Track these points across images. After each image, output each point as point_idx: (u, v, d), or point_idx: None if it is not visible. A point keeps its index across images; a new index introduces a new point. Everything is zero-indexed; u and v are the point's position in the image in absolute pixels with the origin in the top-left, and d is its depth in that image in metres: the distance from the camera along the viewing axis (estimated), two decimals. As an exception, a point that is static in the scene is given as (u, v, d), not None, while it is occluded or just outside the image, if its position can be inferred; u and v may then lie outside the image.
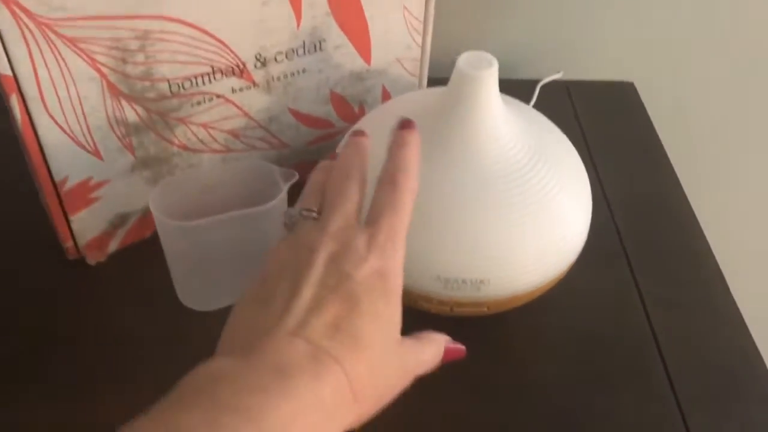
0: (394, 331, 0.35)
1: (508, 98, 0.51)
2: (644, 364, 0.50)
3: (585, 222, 0.49)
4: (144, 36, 0.45)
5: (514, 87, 0.72)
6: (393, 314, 0.34)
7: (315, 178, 0.40)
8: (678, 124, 0.79)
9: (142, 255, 0.54)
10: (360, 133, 0.41)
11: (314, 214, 0.37)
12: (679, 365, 0.49)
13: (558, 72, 0.74)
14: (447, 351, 0.39)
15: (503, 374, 0.49)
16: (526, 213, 0.45)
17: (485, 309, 0.47)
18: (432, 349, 0.38)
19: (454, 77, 0.45)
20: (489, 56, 0.45)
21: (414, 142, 0.38)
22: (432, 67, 0.62)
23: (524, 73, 0.76)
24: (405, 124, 0.39)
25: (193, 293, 0.51)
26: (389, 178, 0.37)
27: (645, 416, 0.47)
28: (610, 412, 0.47)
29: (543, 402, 0.47)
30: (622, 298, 0.54)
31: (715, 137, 0.83)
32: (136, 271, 0.53)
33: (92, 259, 0.53)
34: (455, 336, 0.50)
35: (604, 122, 0.70)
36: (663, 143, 0.69)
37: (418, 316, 0.48)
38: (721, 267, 0.57)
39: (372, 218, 0.36)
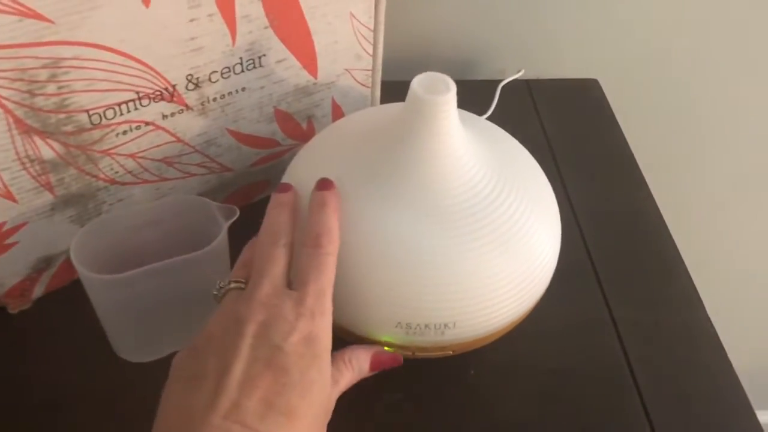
0: (325, 392, 0.35)
1: (467, 116, 0.47)
2: (619, 398, 0.47)
3: (555, 249, 0.45)
4: (55, 64, 0.40)
5: (474, 88, 0.68)
6: (323, 377, 0.35)
7: (246, 253, 0.40)
8: (643, 121, 0.76)
9: (71, 299, 0.48)
10: (284, 188, 0.40)
11: (242, 285, 0.37)
12: (656, 397, 0.47)
13: (519, 71, 0.70)
14: (378, 362, 0.40)
15: (471, 416, 0.46)
16: (493, 248, 0.41)
17: (450, 352, 0.44)
18: (359, 371, 0.39)
19: (408, 102, 0.41)
20: (446, 78, 0.40)
21: (332, 202, 0.39)
22: (386, 69, 0.57)
23: (484, 73, 0.72)
24: (323, 185, 0.40)
25: (129, 345, 0.46)
26: (312, 241, 0.37)
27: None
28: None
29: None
30: (594, 325, 0.51)
31: (683, 134, 0.80)
32: (66, 318, 0.48)
33: (14, 308, 0.48)
34: (418, 378, 0.47)
35: (569, 123, 0.67)
36: (629, 141, 0.66)
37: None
38: (692, 274, 0.54)
39: (298, 282, 0.36)
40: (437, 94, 0.40)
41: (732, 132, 0.81)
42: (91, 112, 0.43)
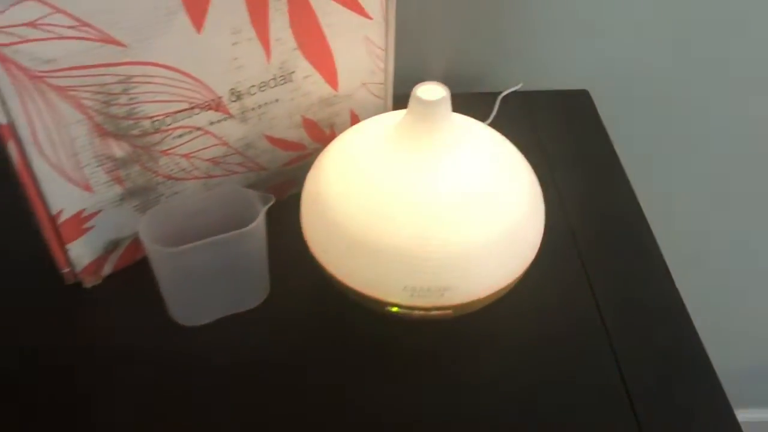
0: None
1: (465, 118, 0.56)
2: (597, 357, 0.55)
3: (539, 228, 0.54)
4: (126, 80, 0.50)
5: (475, 100, 0.77)
6: None
7: None
8: (628, 126, 0.84)
9: (134, 276, 0.58)
10: None
11: None
12: (630, 359, 0.55)
13: (518, 84, 0.79)
14: None
15: (466, 371, 0.54)
16: (484, 220, 0.50)
17: (450, 312, 0.52)
18: None
19: (411, 104, 0.50)
20: (441, 86, 0.50)
21: None
22: (399, 82, 0.66)
23: (486, 86, 0.81)
24: None
25: (183, 310, 0.55)
26: None
27: (598, 409, 0.52)
28: (565, 405, 0.52)
29: (504, 396, 0.52)
30: (577, 297, 0.59)
31: (664, 138, 0.88)
32: (130, 291, 0.58)
33: (88, 283, 0.58)
34: (420, 336, 0.55)
35: (561, 130, 0.75)
36: (615, 144, 0.74)
37: (387, 319, 0.54)
38: (674, 274, 0.62)
39: None
40: (435, 97, 0.49)
41: (707, 135, 0.88)
42: (153, 119, 0.53)
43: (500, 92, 0.78)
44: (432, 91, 0.50)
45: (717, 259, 1.03)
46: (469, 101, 0.68)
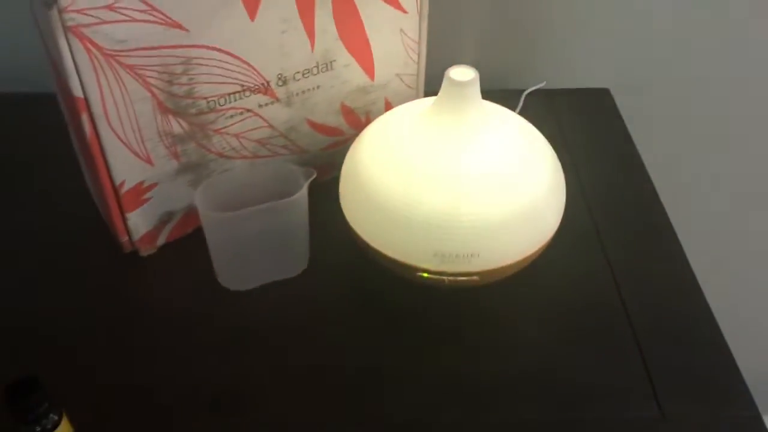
0: None
1: (491, 103, 0.61)
2: (613, 325, 0.59)
3: (559, 205, 0.58)
4: (187, 62, 0.55)
5: (501, 96, 0.82)
6: None
7: None
8: (648, 124, 0.88)
9: (185, 247, 0.63)
10: None
11: None
12: (644, 328, 0.58)
13: (542, 82, 0.83)
14: None
15: (490, 335, 0.58)
16: (507, 192, 0.54)
17: (476, 278, 0.56)
18: None
19: (444, 84, 0.55)
20: (472, 69, 0.55)
21: None
22: (429, 80, 0.71)
23: (511, 83, 0.86)
24: None
25: (231, 275, 0.60)
26: None
27: (615, 379, 0.55)
28: (583, 369, 0.56)
29: (524, 359, 0.56)
30: (595, 271, 0.63)
31: (678, 133, 0.92)
32: (182, 260, 0.63)
33: (145, 252, 0.63)
34: (449, 302, 0.60)
35: (583, 125, 0.80)
36: (635, 141, 0.78)
37: (417, 287, 0.58)
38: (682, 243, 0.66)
39: None
40: (466, 77, 0.54)
41: (725, 134, 0.92)
42: (208, 99, 0.58)
43: (525, 89, 0.82)
44: (463, 73, 0.54)
45: (732, 259, 1.06)
46: (495, 97, 0.73)
